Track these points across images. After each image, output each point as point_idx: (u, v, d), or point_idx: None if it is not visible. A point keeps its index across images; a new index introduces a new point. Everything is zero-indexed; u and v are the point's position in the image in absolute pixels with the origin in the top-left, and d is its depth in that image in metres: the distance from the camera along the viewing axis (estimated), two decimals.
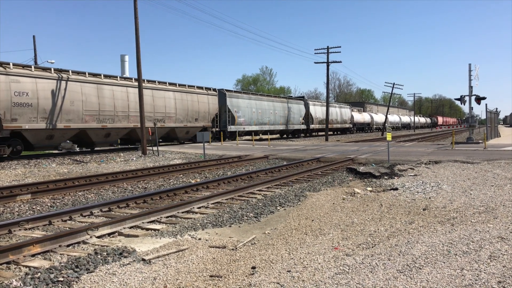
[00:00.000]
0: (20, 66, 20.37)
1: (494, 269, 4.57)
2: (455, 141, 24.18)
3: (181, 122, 29.32)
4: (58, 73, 21.67)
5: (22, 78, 19.87)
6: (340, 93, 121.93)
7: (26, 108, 19.81)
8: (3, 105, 18.98)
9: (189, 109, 29.91)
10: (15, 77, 19.57)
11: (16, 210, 9.26)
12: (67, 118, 21.73)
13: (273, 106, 42.40)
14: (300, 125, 47.89)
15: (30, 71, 20.42)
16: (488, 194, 9.28)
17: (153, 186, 12.68)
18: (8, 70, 19.42)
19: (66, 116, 21.68)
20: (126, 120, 24.92)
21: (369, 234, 6.55)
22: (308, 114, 49.30)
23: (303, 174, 13.78)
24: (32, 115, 20.08)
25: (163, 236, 6.75)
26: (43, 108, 20.57)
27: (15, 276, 5.09)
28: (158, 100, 27.38)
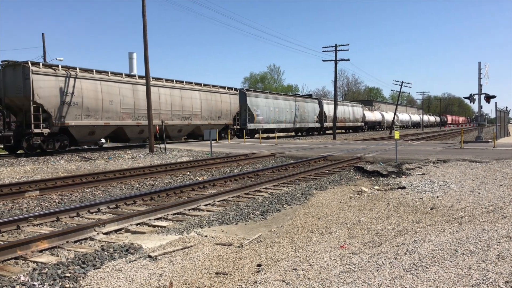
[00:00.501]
0: (65, 67, 22.09)
1: (502, 269, 4.53)
2: (464, 140, 23.99)
3: (206, 120, 31.03)
4: (99, 74, 23.53)
5: (69, 78, 21.72)
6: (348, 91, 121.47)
7: (72, 107, 21.73)
8: (53, 104, 20.84)
9: (213, 107, 31.65)
10: (63, 78, 21.43)
11: (25, 206, 9.34)
12: (106, 116, 23.58)
13: (289, 105, 43.77)
14: (315, 123, 49.16)
15: (75, 72, 22.26)
16: (497, 194, 9.19)
17: (160, 183, 12.73)
18: (57, 71, 21.30)
19: (106, 114, 23.53)
20: (157, 118, 26.17)
21: (376, 233, 6.52)
22: (322, 112, 50.49)
23: (310, 173, 13.74)
24: (77, 113, 22.00)
25: (170, 233, 6.78)
26: (87, 106, 22.48)
27: (23, 271, 5.13)
28: (185, 99, 29.24)
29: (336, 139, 39.22)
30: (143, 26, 22.80)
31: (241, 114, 36.14)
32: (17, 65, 20.41)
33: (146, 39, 22.92)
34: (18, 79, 20.23)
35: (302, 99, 48.43)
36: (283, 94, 47.61)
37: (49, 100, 20.76)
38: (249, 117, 36.68)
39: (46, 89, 20.59)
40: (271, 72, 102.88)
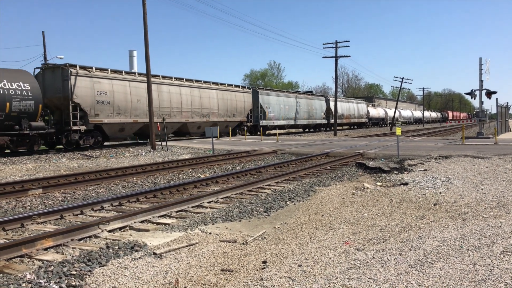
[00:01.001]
0: (98, 69, 23.76)
1: (507, 265, 4.54)
2: (465, 135, 23.97)
3: (222, 117, 33.00)
4: (127, 75, 25.36)
5: (102, 80, 23.49)
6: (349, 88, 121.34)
7: (105, 105, 23.43)
8: (88, 103, 22.51)
9: (228, 105, 33.61)
10: (97, 79, 23.16)
11: (28, 204, 9.35)
12: (135, 114, 25.25)
13: (298, 102, 45.24)
14: (322, 119, 50.75)
15: (107, 73, 24.00)
16: (500, 189, 9.20)
17: (163, 180, 12.74)
18: (92, 73, 23.05)
19: (134, 112, 25.20)
20: (179, 116, 28.58)
21: (380, 229, 6.53)
22: (329, 109, 52.02)
23: (312, 169, 13.75)
24: (109, 111, 23.69)
25: (174, 231, 6.79)
26: (118, 105, 24.16)
27: (29, 269, 5.15)
28: (204, 98, 31.09)
29: (337, 136, 39.21)
30: (144, 23, 22.76)
31: (254, 111, 37.70)
32: (56, 67, 22.18)
33: (146, 37, 22.89)
34: (57, 81, 21.88)
35: (310, 97, 49.77)
36: (293, 92, 48.95)
37: (85, 99, 22.41)
38: (261, 114, 38.24)
39: (82, 89, 22.29)
40: (271, 69, 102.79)
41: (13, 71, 19.98)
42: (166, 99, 27.36)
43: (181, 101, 28.76)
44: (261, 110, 38.31)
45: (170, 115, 27.65)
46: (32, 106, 19.67)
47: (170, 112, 27.71)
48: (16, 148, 19.72)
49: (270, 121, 39.66)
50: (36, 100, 19.85)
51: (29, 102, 19.56)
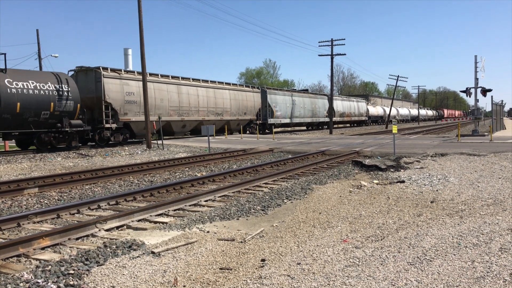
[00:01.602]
0: (126, 71, 26.22)
1: (505, 261, 4.55)
2: (460, 133, 24.07)
3: (234, 116, 35.06)
4: (151, 77, 27.19)
5: (130, 81, 25.39)
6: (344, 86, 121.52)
7: (133, 105, 25.34)
8: (118, 103, 24.34)
9: (240, 105, 35.68)
10: (126, 81, 25.09)
11: (24, 204, 9.30)
12: (158, 112, 26.81)
13: (302, 101, 47.04)
14: (325, 117, 52.20)
15: (134, 75, 26.06)
16: (496, 187, 9.24)
17: (159, 179, 12.71)
18: (121, 75, 25.09)
19: (157, 111, 26.99)
20: (197, 114, 30.59)
21: (378, 227, 6.54)
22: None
23: (308, 167, 13.76)
24: (136, 110, 25.54)
25: (172, 229, 6.77)
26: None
27: (26, 269, 5.11)
28: (218, 98, 33.11)
29: (333, 134, 39.28)
30: (139, 21, 22.66)
31: (262, 110, 39.54)
32: (89, 70, 24.07)
33: (142, 35, 22.80)
34: (90, 82, 23.73)
35: (314, 96, 51.94)
36: (298, 91, 50.88)
37: (116, 99, 24.24)
38: (269, 113, 40.10)
39: (113, 90, 24.12)
40: (267, 67, 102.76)
41: (56, 74, 21.68)
42: (185, 99, 29.48)
43: (198, 101, 30.88)
44: (269, 109, 40.06)
45: (189, 114, 29.90)
46: (71, 106, 21.48)
47: (189, 111, 29.85)
48: (58, 144, 21.33)
49: (277, 119, 41.53)
50: (75, 100, 21.68)
51: (69, 102, 21.37)
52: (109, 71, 24.24)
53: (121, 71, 25.31)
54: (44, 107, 20.10)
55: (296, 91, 50.56)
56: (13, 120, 19.07)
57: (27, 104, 19.44)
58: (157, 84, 27.39)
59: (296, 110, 45.13)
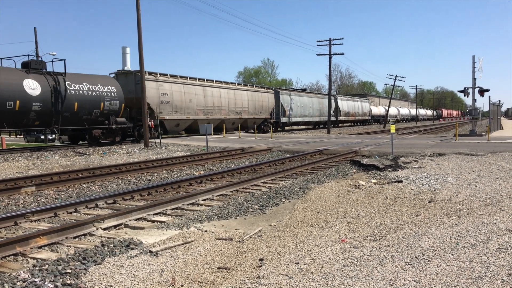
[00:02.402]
0: (161, 74, 28.48)
1: (503, 262, 4.55)
2: (458, 133, 24.11)
3: (251, 115, 37.95)
4: (182, 79, 30.16)
5: (164, 83, 28.21)
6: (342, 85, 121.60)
7: (166, 105, 28.15)
8: (155, 103, 27.14)
9: (256, 105, 38.57)
10: (160, 83, 27.88)
11: (21, 202, 9.26)
12: (187, 112, 29.98)
13: (311, 101, 49.53)
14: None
15: (167, 78, 28.81)
16: (494, 187, 9.26)
17: (157, 178, 12.68)
18: (157, 77, 27.81)
19: (187, 110, 29.95)
20: (219, 113, 33.39)
21: (376, 226, 6.54)
22: (337, 107, 56.60)
23: (306, 167, 13.76)
24: (169, 109, 28.42)
25: (169, 228, 6.75)
26: (175, 104, 28.87)
27: (23, 267, 5.09)
28: (238, 99, 35.92)
29: (331, 133, 39.30)
30: (137, 20, 22.60)
31: (275, 109, 42.10)
32: (130, 73, 27.43)
33: (140, 34, 22.74)
34: (130, 84, 26.43)
35: (321, 96, 54.38)
36: (307, 92, 54.22)
37: (153, 99, 26.89)
38: (281, 112, 42.64)
39: (150, 91, 26.40)
40: (265, 66, 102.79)
41: (104, 77, 24.50)
42: (210, 100, 32.36)
43: (221, 101, 33.71)
44: (282, 108, 42.54)
45: (213, 113, 32.71)
46: (117, 105, 23.88)
47: (213, 111, 32.69)
48: (105, 139, 23.98)
49: (289, 118, 44.11)
50: (120, 100, 24.07)
51: (115, 102, 23.77)
52: (147, 74, 26.57)
53: (157, 74, 27.92)
54: (95, 106, 22.62)
55: (305, 92, 53.28)
56: (71, 117, 21.64)
57: (82, 104, 21.99)
58: (186, 86, 30.09)
59: (305, 110, 47.63)
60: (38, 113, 19.96)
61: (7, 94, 18.75)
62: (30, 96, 19.66)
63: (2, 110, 18.61)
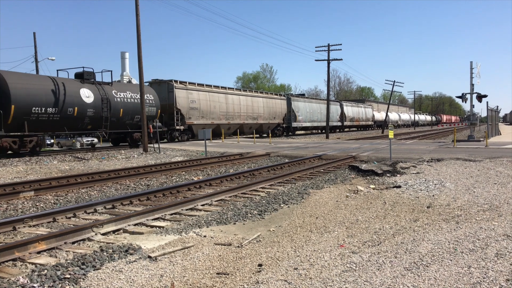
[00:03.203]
0: (190, 83, 31.73)
1: (501, 267, 4.57)
2: (456, 139, 24.16)
3: (266, 120, 41.49)
4: (207, 87, 33.58)
5: (193, 91, 31.44)
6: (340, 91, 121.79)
7: (194, 111, 31.47)
8: (185, 109, 30.51)
9: (271, 111, 42.14)
10: (190, 91, 31.16)
11: (20, 207, 9.25)
12: (212, 117, 33.35)
13: (319, 107, 52.77)
14: (337, 122, 58.73)
15: (195, 86, 32.11)
16: (492, 192, 9.28)
17: (156, 183, 12.68)
18: (186, 86, 31.14)
19: (211, 115, 33.35)
20: (239, 119, 36.93)
21: (374, 232, 6.55)
22: (342, 113, 60.19)
23: (305, 172, 13.77)
24: (197, 115, 31.70)
25: (168, 233, 6.75)
26: (202, 110, 32.21)
27: (22, 273, 5.09)
28: (254, 105, 39.57)
29: (330, 139, 39.34)
30: (137, 26, 22.67)
31: (287, 115, 45.41)
32: (163, 82, 30.15)
33: (139, 39, 22.80)
34: (163, 92, 29.42)
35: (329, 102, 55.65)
36: (315, 98, 58.36)
37: (183, 106, 30.34)
38: (293, 117, 45.82)
39: (181, 99, 30.22)
40: (264, 72, 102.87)
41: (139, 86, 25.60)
42: (230, 106, 35.76)
43: (240, 107, 37.21)
44: (293, 114, 45.77)
45: (233, 118, 36.05)
46: (154, 111, 27.19)
47: (233, 116, 36.04)
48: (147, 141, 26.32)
49: (299, 123, 47.14)
50: (157, 107, 27.51)
51: (153, 108, 27.09)
52: (178, 83, 30.37)
53: (186, 83, 31.23)
54: (137, 112, 25.44)
55: (314, 98, 57.30)
56: (117, 122, 24.78)
57: (126, 110, 25.21)
58: (211, 94, 33.44)
59: (314, 115, 50.95)
60: (91, 118, 22.96)
61: (68, 101, 21.68)
62: (85, 103, 22.65)
63: (64, 116, 21.54)
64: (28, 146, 20.51)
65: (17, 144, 20.00)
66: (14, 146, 19.86)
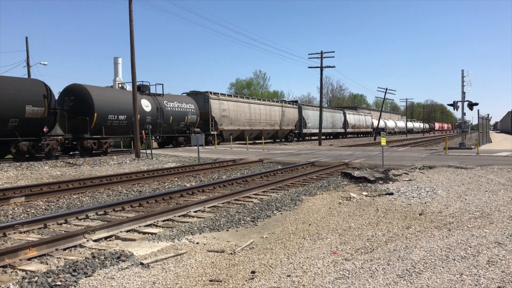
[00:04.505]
0: (221, 94, 36.83)
1: (493, 274, 4.60)
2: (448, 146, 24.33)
3: (281, 126, 45.75)
4: (234, 97, 38.88)
5: (224, 101, 36.15)
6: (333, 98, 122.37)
7: (225, 118, 35.91)
8: (217, 117, 34.91)
9: (285, 118, 46.45)
10: (221, 101, 35.86)
11: (10, 213, 9.15)
12: (238, 124, 37.83)
13: (325, 115, 55.84)
14: (340, 129, 63.19)
15: (225, 97, 37.10)
16: (483, 199, 9.35)
17: (148, 189, 12.62)
18: (219, 97, 35.94)
19: (237, 122, 37.74)
20: (259, 125, 41.42)
21: (367, 239, 6.57)
22: (345, 120, 64.82)
23: (298, 178, 13.79)
24: (227, 122, 36.22)
25: (161, 240, 6.72)
26: (231, 117, 36.68)
27: (12, 280, 5.03)
28: (272, 114, 43.85)
29: (322, 145, 39.42)
30: (130, 32, 22.66)
31: (299, 122, 49.53)
32: (199, 93, 34.79)
33: (133, 45, 22.78)
34: (200, 102, 33.74)
35: (333, 110, 62.75)
36: (323, 107, 60.06)
37: (216, 114, 34.79)
38: (303, 124, 50.22)
39: (215, 107, 34.72)
40: (257, 78, 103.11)
41: (186, 97, 32.76)
42: (253, 114, 40.28)
43: (260, 115, 41.54)
44: (303, 121, 50.16)
45: (255, 125, 40.52)
46: (195, 119, 31.89)
47: (255, 123, 40.52)
48: (186, 145, 31.58)
49: (308, 130, 51.42)
50: (197, 115, 32.16)
51: (194, 116, 31.83)
52: (212, 94, 35.14)
53: (219, 94, 36.20)
54: (182, 119, 30.52)
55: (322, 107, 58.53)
56: (167, 128, 29.49)
57: (175, 118, 29.76)
58: (238, 104, 38.23)
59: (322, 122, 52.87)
60: (149, 125, 26.62)
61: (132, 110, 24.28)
62: (145, 111, 27.20)
63: (129, 122, 25.50)
64: (104, 146, 24.61)
65: (96, 145, 24.03)
66: (94, 146, 23.91)
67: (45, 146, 20.98)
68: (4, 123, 19.45)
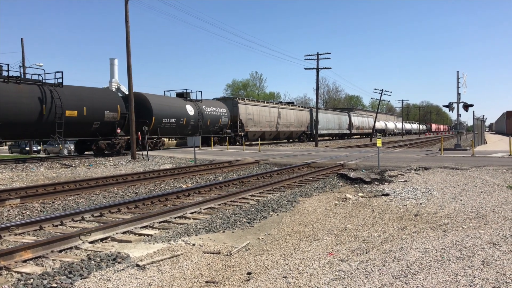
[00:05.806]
0: (247, 99, 43.27)
1: (488, 275, 4.63)
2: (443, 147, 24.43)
3: (295, 128, 50.25)
4: (257, 102, 43.83)
5: (249, 106, 40.60)
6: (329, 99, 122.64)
7: (250, 121, 40.29)
8: (244, 119, 39.15)
9: (298, 120, 51.06)
10: (247, 106, 40.35)
11: (5, 215, 9.12)
12: (260, 125, 42.13)
13: (333, 117, 61.86)
14: (346, 130, 67.10)
15: (250, 102, 42.26)
16: (478, 200, 9.40)
17: (144, 191, 12.60)
18: (245, 101, 40.84)
19: (260, 124, 42.12)
20: (278, 127, 45.60)
21: (363, 240, 6.59)
22: (351, 122, 68.83)
23: (294, 180, 13.80)
24: (252, 124, 40.57)
25: (157, 242, 6.71)
26: (255, 120, 41.12)
27: (7, 282, 5.01)
28: (288, 116, 48.39)
29: (318, 146, 39.50)
30: (126, 33, 22.63)
31: (310, 124, 53.23)
32: (229, 99, 39.99)
33: (129, 46, 22.75)
34: (229, 106, 37.69)
35: (339, 113, 67.08)
36: (330, 109, 68.71)
37: (243, 117, 39.04)
38: (314, 126, 50.37)
39: (242, 111, 38.98)
40: (253, 80, 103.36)
41: (219, 102, 37.29)
42: (272, 117, 44.42)
43: (278, 117, 45.66)
44: (314, 123, 50.40)
45: (274, 126, 44.48)
46: (226, 121, 36.41)
47: (274, 124, 44.51)
48: (220, 144, 35.80)
49: (319, 131, 51.20)
50: (228, 118, 36.53)
51: (226, 119, 36.30)
52: (240, 99, 40.46)
53: (244, 99, 42.41)
54: (217, 122, 35.01)
55: (329, 109, 66.67)
56: (205, 129, 33.71)
57: (211, 120, 34.16)
58: (260, 108, 42.61)
59: (329, 124, 59.37)
60: (192, 126, 31.92)
61: (181, 114, 30.56)
62: (189, 115, 31.64)
63: (178, 124, 30.33)
64: (159, 145, 29.29)
65: (153, 144, 28.44)
66: (151, 145, 27.88)
67: (116, 144, 24.75)
68: (90, 125, 23.30)
